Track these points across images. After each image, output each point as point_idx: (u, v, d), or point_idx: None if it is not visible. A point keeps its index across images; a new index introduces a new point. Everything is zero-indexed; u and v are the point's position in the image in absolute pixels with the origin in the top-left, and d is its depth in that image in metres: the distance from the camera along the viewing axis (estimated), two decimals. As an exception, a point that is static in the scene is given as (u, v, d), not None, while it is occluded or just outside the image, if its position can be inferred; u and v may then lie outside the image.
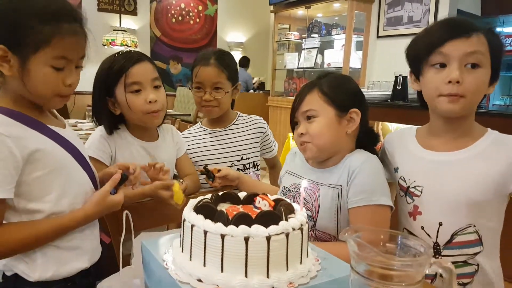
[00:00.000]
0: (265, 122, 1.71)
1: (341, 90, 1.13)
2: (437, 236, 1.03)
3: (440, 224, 1.02)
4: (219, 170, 1.44)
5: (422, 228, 1.06)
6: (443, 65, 0.98)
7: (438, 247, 1.03)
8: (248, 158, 1.62)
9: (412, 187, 1.08)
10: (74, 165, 0.98)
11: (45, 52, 0.85)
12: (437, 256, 1.03)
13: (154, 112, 1.27)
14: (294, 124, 1.18)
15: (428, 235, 1.04)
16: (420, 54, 1.02)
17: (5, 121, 0.87)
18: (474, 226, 1.00)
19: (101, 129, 1.32)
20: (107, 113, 1.29)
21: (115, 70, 1.23)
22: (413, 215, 1.08)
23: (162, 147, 1.39)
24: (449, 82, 0.95)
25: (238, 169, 1.59)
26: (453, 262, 0.98)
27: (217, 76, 1.49)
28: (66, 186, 0.95)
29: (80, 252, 0.99)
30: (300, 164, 1.24)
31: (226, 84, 1.52)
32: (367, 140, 1.16)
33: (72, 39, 0.88)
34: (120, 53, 1.29)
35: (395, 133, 1.24)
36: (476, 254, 1.01)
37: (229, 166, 1.57)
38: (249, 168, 1.62)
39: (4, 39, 0.84)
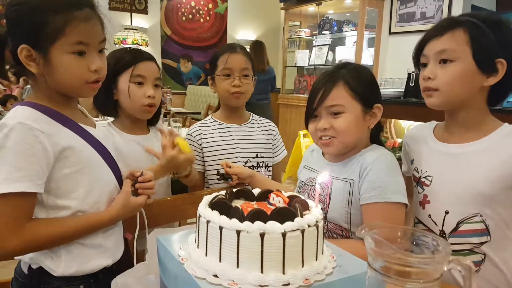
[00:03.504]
0: (276, 126, 1.76)
1: (366, 84, 1.12)
2: (443, 224, 1.05)
3: (446, 212, 1.04)
4: (229, 167, 1.45)
5: (430, 216, 1.08)
6: (425, 65, 1.07)
7: (444, 235, 1.05)
8: (263, 157, 1.64)
9: (423, 177, 1.11)
10: (102, 164, 1.00)
11: (62, 41, 0.88)
12: None
13: (149, 106, 1.35)
14: (310, 117, 1.15)
15: (435, 223, 1.07)
16: (414, 58, 1.12)
17: (39, 117, 0.89)
18: (481, 216, 1.01)
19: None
20: (111, 99, 1.35)
21: (126, 60, 1.33)
22: (422, 204, 1.11)
23: (154, 141, 1.43)
24: (424, 79, 1.06)
25: (252, 166, 1.60)
26: (459, 250, 1.03)
27: (246, 63, 1.56)
28: (93, 185, 0.97)
29: (103, 250, 1.01)
30: (316, 158, 1.26)
31: (251, 73, 1.59)
32: (375, 130, 1.19)
33: (86, 24, 0.90)
34: (130, 48, 1.38)
35: (416, 127, 1.27)
36: (482, 243, 1.02)
37: (245, 162, 1.59)
38: (262, 167, 1.64)
39: (26, 39, 0.87)
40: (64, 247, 0.94)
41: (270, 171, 1.68)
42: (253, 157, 1.62)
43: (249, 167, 1.58)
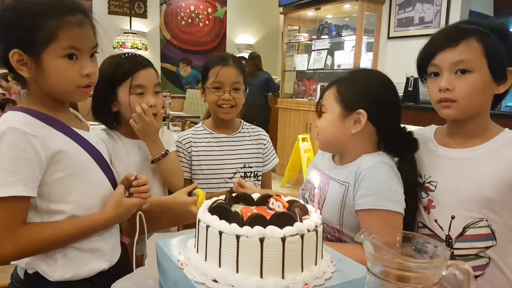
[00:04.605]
0: (267, 135, 1.73)
1: (354, 89, 1.11)
2: (449, 229, 1.05)
3: (453, 217, 1.05)
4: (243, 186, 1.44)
5: (436, 221, 1.08)
6: (437, 74, 1.05)
7: (450, 240, 1.05)
8: (251, 167, 1.62)
9: (428, 182, 1.11)
10: (95, 168, 1.00)
11: (55, 46, 0.88)
12: (449, 248, 1.05)
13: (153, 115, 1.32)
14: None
15: (441, 227, 1.07)
16: (420, 65, 1.09)
17: (31, 122, 0.89)
18: (487, 220, 1.01)
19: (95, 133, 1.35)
20: (110, 110, 1.33)
21: (122, 70, 1.29)
22: (427, 209, 1.11)
23: None
24: (440, 90, 1.03)
25: (240, 176, 1.58)
26: (465, 255, 1.03)
27: (237, 77, 1.52)
28: (87, 189, 0.97)
29: (99, 254, 1.00)
30: (326, 160, 1.26)
31: (243, 86, 1.56)
32: (397, 143, 1.13)
33: (79, 30, 0.90)
34: (126, 55, 1.34)
35: (416, 132, 1.25)
36: (487, 248, 1.02)
37: (233, 173, 1.57)
38: (250, 177, 1.62)
39: (17, 43, 0.87)
40: (60, 251, 0.94)
41: (259, 180, 1.65)
42: (241, 167, 1.59)
43: (237, 178, 1.55)
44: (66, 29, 0.88)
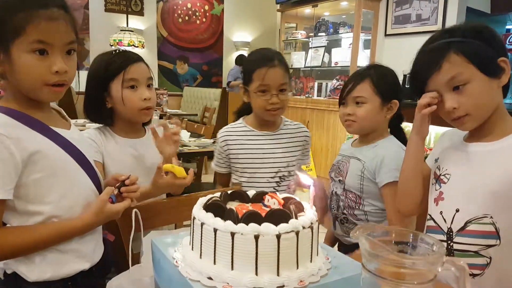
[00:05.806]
0: (309, 131, 1.67)
1: (387, 83, 1.39)
2: (451, 222, 1.05)
3: (457, 210, 1.04)
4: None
5: (441, 213, 1.09)
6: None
7: (451, 233, 1.05)
8: (293, 165, 1.56)
9: (443, 175, 1.12)
10: (76, 168, 0.97)
11: (22, 39, 0.85)
12: (448, 242, 1.05)
13: (146, 109, 1.32)
14: (341, 104, 1.46)
15: (444, 220, 1.07)
16: (416, 91, 1.11)
17: (7, 122, 0.87)
18: (491, 217, 0.99)
19: (87, 132, 1.35)
20: (104, 107, 1.32)
21: (115, 65, 1.28)
22: (436, 201, 1.12)
23: (149, 143, 1.38)
24: (449, 111, 1.03)
25: (283, 175, 1.54)
26: (464, 251, 1.02)
27: (283, 77, 1.45)
28: (67, 189, 0.94)
29: (79, 255, 0.98)
30: (346, 145, 1.55)
31: (288, 86, 1.49)
32: (396, 121, 1.47)
33: (49, 23, 0.86)
34: (117, 51, 1.34)
35: (452, 129, 1.26)
36: (489, 246, 1.00)
37: (275, 172, 1.53)
38: (291, 175, 1.55)
39: None
40: (38, 253, 0.92)
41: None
42: (284, 167, 1.53)
43: (279, 177, 1.53)
44: (34, 22, 0.84)
